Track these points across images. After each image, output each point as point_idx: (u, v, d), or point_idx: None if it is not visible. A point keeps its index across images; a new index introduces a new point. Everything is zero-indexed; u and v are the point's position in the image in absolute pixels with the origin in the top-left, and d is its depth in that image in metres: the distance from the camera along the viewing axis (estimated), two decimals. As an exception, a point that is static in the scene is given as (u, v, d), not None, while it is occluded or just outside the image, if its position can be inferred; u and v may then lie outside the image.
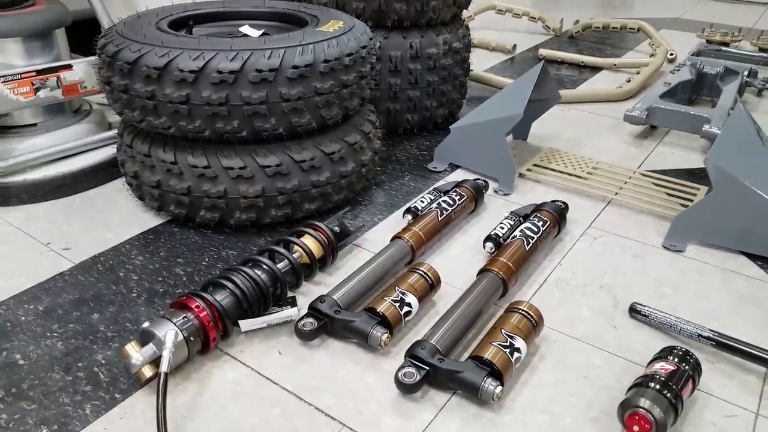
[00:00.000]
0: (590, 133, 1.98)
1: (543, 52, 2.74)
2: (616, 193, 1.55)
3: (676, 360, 0.91)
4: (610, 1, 4.16)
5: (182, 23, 1.51)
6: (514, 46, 2.84)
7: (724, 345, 1.01)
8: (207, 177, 1.29)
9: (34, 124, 1.54)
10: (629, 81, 2.35)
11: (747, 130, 1.41)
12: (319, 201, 1.38)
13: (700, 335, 1.03)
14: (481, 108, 1.71)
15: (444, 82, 1.89)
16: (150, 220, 1.40)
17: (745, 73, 2.20)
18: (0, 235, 1.34)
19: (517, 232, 1.26)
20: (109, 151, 1.59)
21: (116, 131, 1.58)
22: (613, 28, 2.97)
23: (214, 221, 1.33)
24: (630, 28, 2.92)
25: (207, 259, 1.26)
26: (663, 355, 0.94)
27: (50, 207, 1.45)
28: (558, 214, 1.35)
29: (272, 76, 1.22)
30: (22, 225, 1.38)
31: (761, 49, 2.80)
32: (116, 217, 1.42)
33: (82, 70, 1.53)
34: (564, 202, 1.42)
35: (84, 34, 1.71)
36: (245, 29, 1.55)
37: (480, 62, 2.61)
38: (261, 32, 1.54)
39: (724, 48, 2.76)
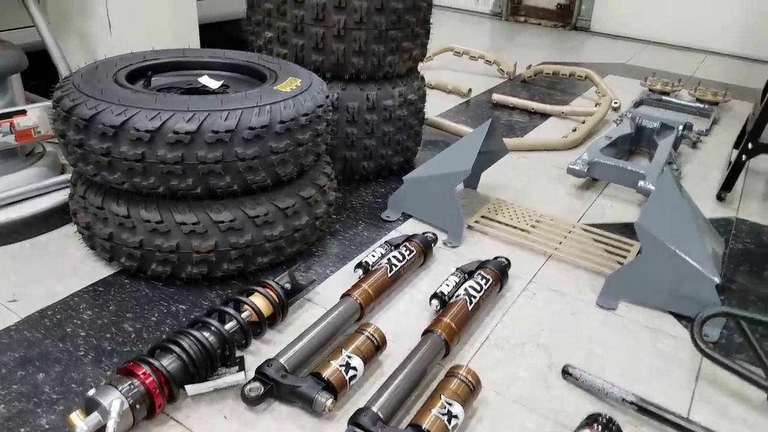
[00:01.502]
0: (536, 183, 2.08)
1: (496, 97, 2.85)
2: (556, 248, 1.64)
3: (600, 428, 0.98)
4: (562, 44, 4.36)
5: (141, 73, 1.53)
6: (470, 90, 2.95)
7: (645, 410, 1.08)
8: (159, 232, 1.31)
9: (-16, 169, 1.52)
10: (575, 130, 2.47)
11: (673, 194, 1.52)
12: (272, 254, 1.41)
13: (624, 399, 1.11)
14: (433, 161, 1.78)
15: (399, 132, 1.96)
16: (100, 270, 1.41)
17: (680, 127, 2.35)
18: (-57, 284, 1.33)
19: (461, 291, 1.32)
20: (61, 196, 1.58)
21: (69, 176, 1.59)
22: (562, 74, 3.12)
23: (165, 274, 1.34)
24: (578, 76, 3.07)
25: (156, 315, 1.27)
26: (588, 422, 1.00)
27: (-2, 254, 1.44)
28: (500, 272, 1.42)
29: (228, 137, 1.26)
30: (-33, 274, 1.36)
31: (698, 100, 2.98)
32: (66, 266, 1.42)
33: (36, 115, 1.53)
34: (507, 259, 1.49)
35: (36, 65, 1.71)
36: (204, 80, 1.58)
37: (437, 104, 2.70)
38: (220, 83, 1.58)
39: (664, 97, 2.94)
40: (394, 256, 1.41)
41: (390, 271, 1.37)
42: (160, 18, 1.80)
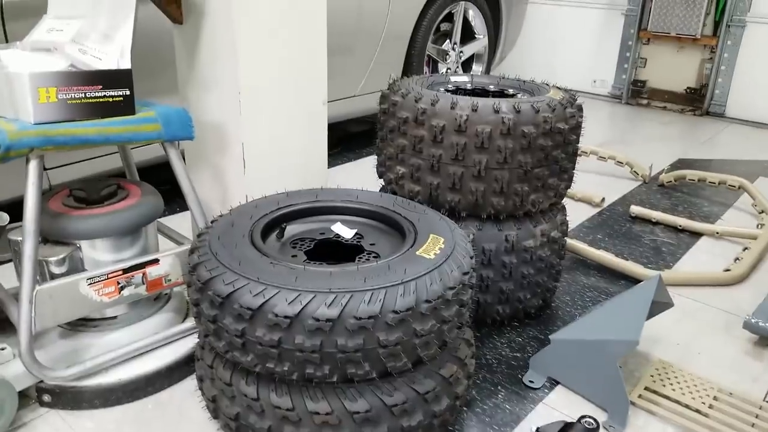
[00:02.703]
0: (702, 334, 1.78)
1: (635, 210, 2.58)
2: (748, 447, 1.34)
3: None
4: (695, 134, 4.00)
5: (276, 222, 1.46)
6: (603, 199, 2.70)
7: None
8: (290, 420, 1.18)
9: (114, 317, 1.49)
10: (738, 260, 2.15)
11: None
12: (408, 447, 1.23)
13: None
14: (589, 320, 1.55)
15: (539, 273, 1.75)
16: (223, 447, 1.30)
17: None
18: (68, 455, 1.27)
19: None
20: (185, 345, 1.51)
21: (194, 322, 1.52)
22: (710, 182, 2.79)
23: (292, 466, 1.20)
24: (730, 185, 2.73)
25: None
26: None
27: (122, 415, 1.37)
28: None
29: (371, 323, 1.12)
30: (91, 441, 1.30)
31: None
32: (188, 435, 1.33)
33: (168, 263, 1.48)
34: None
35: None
36: (337, 228, 1.48)
37: (566, 217, 2.48)
38: (354, 232, 1.47)
39: (837, 213, 2.53)
40: (555, 464, 1.19)
41: (552, 487, 1.14)
42: (291, 156, 1.76)
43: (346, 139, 3.64)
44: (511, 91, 1.86)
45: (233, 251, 1.26)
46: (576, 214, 2.60)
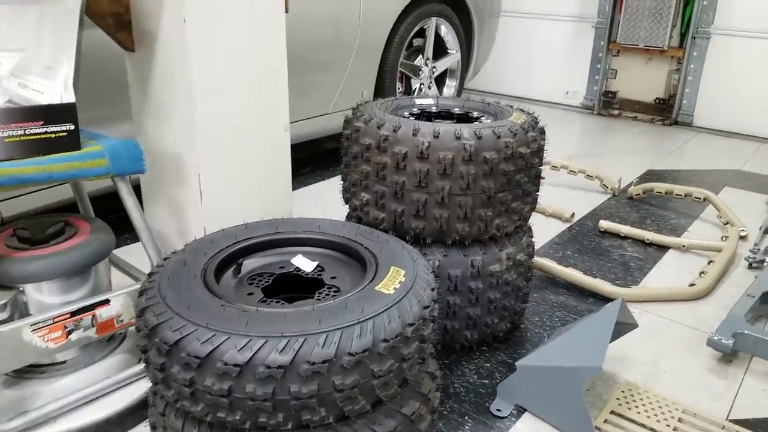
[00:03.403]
0: (668, 352, 1.77)
1: (604, 224, 2.58)
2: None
3: None
4: (664, 145, 4.04)
5: (232, 258, 1.41)
6: (572, 214, 2.69)
7: None
8: (244, 471, 1.13)
9: (63, 362, 1.42)
10: (703, 274, 2.15)
11: None
12: (369, 494, 1.19)
13: None
14: (553, 345, 1.53)
15: (506, 297, 1.73)
16: (177, 498, 1.23)
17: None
18: None
19: None
20: (139, 389, 1.45)
21: (151, 361, 1.46)
22: (676, 194, 2.81)
23: None
24: (695, 197, 2.75)
25: None
26: None
27: (70, 467, 1.31)
28: None
29: (325, 368, 1.08)
30: (35, 498, 1.23)
31: (844, 224, 2.57)
32: (140, 487, 1.26)
33: (119, 303, 1.42)
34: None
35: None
36: (298, 261, 1.44)
37: (535, 232, 2.45)
38: (315, 264, 1.43)
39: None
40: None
41: None
42: (252, 185, 1.71)
43: (320, 156, 3.60)
44: (475, 114, 1.83)
45: (182, 294, 1.20)
46: (546, 229, 2.60)
